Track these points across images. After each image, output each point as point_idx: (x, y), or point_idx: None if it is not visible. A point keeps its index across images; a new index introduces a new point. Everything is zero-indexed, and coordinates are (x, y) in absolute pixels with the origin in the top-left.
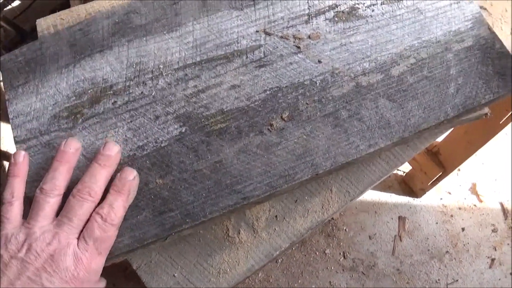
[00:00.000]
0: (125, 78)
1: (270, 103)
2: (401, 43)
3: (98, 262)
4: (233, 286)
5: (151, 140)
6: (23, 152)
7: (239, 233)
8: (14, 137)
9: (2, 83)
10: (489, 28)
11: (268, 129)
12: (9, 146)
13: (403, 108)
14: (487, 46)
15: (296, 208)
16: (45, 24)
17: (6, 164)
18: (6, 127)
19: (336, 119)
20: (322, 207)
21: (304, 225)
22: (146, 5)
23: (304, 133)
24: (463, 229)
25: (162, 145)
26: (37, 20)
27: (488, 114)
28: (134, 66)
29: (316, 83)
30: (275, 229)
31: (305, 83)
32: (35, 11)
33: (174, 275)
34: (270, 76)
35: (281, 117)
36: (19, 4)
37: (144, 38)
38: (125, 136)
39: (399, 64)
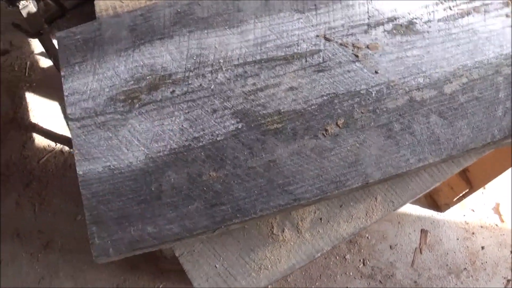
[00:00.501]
0: (185, 68)
1: (326, 108)
2: (455, 62)
3: None
4: (272, 282)
5: (207, 132)
6: None
7: (283, 231)
8: (68, 114)
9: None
10: None
11: (323, 133)
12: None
13: (453, 126)
14: None
15: (341, 213)
16: (104, 6)
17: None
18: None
19: (389, 131)
20: (366, 214)
21: (347, 230)
22: None
23: (358, 141)
24: (482, 248)
25: (218, 138)
26: (95, 1)
27: None
28: (195, 58)
29: (372, 93)
30: (319, 231)
31: (361, 92)
32: None
33: (215, 266)
34: (327, 82)
35: (336, 123)
36: None
37: (206, 31)
38: (182, 126)
39: (451, 82)
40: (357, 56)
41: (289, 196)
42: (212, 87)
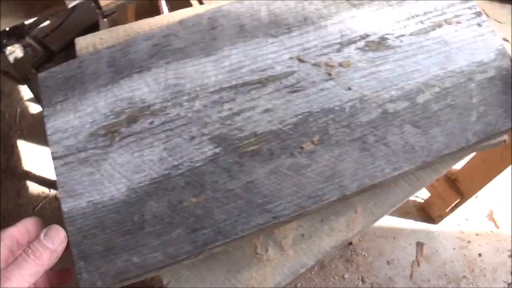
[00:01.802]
0: (163, 99)
1: (301, 127)
2: (427, 73)
3: None
4: None
5: (186, 159)
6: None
7: (267, 250)
8: (52, 153)
9: None
10: (511, 60)
11: (299, 151)
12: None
13: (427, 134)
14: (509, 76)
15: (323, 227)
16: (84, 43)
17: None
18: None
19: (364, 143)
20: (347, 226)
21: (330, 243)
22: (185, 28)
23: (333, 156)
24: (479, 255)
25: (197, 165)
26: (76, 39)
27: (507, 140)
28: (172, 88)
29: (346, 109)
30: (302, 247)
31: (335, 108)
32: (63, 32)
33: None
34: (302, 101)
35: (312, 140)
36: (48, 24)
37: (182, 61)
38: (161, 155)
39: (424, 92)
40: (330, 74)
41: (268, 214)
42: (189, 115)
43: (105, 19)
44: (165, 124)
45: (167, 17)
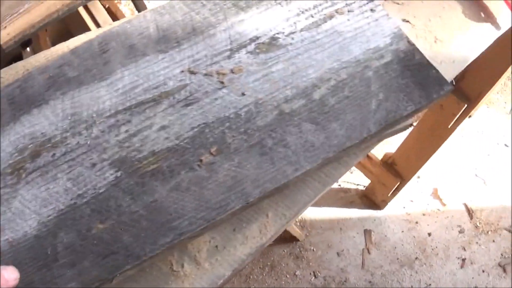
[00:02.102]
0: (62, 130)
1: (198, 140)
2: (321, 67)
3: None
4: None
5: (90, 187)
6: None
7: (183, 266)
8: None
9: None
10: (409, 41)
11: (198, 165)
12: None
13: (326, 130)
14: (407, 58)
15: (235, 236)
16: None
17: None
18: None
19: (262, 148)
20: (260, 232)
21: (245, 251)
22: (77, 56)
23: (233, 165)
24: (429, 234)
25: (100, 191)
26: None
27: (413, 123)
28: (70, 118)
29: (241, 115)
30: (217, 258)
31: (231, 116)
32: None
33: None
34: (197, 114)
35: (210, 152)
36: None
37: (77, 89)
38: (66, 186)
39: (320, 88)
40: (222, 82)
41: (174, 231)
42: (88, 143)
43: (27, 49)
44: (66, 155)
45: (62, 47)
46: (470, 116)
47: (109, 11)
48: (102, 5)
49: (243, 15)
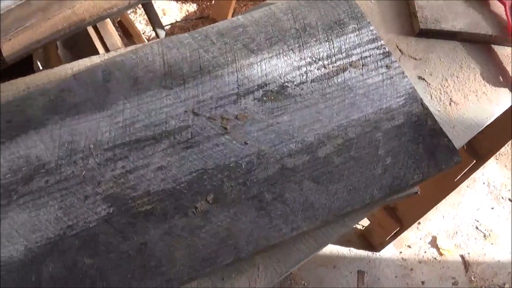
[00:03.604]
0: (57, 157)
1: (195, 185)
2: (329, 123)
3: None
4: None
5: (81, 219)
6: None
7: None
8: None
9: None
10: (422, 104)
11: (193, 211)
12: None
13: (328, 191)
14: (419, 123)
15: (223, 286)
16: None
17: None
18: None
19: (260, 202)
20: (249, 285)
21: None
22: (79, 83)
23: (228, 216)
24: (423, 283)
25: (91, 225)
26: None
27: (418, 192)
28: (66, 145)
29: (242, 165)
30: None
31: (231, 165)
32: None
33: None
34: (196, 158)
35: (206, 199)
36: None
37: (77, 117)
38: (56, 214)
39: (326, 145)
40: (225, 128)
41: (161, 277)
42: (83, 174)
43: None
44: (59, 183)
45: (65, 68)
46: None
47: (122, 25)
48: (115, 20)
49: (253, 59)
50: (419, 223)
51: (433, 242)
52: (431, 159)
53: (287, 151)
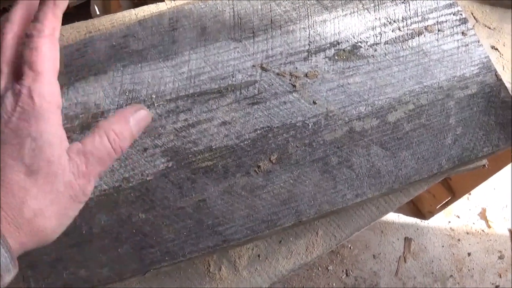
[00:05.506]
0: (117, 105)
1: (259, 144)
2: (401, 87)
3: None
4: None
5: (137, 172)
6: None
7: (220, 269)
8: None
9: None
10: (496, 75)
11: (255, 170)
12: None
13: (396, 158)
14: (492, 94)
15: (280, 249)
16: None
17: None
18: None
19: (325, 165)
20: (306, 249)
21: (286, 266)
22: (144, 29)
23: (291, 177)
24: (469, 254)
25: (148, 178)
26: None
27: (486, 165)
28: (127, 94)
29: (309, 126)
30: (257, 268)
31: (297, 124)
32: None
33: None
34: (262, 115)
35: (269, 159)
36: None
37: (140, 65)
38: (112, 166)
39: (396, 110)
40: (294, 86)
41: (218, 237)
42: None
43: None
44: None
45: (130, 14)
46: None
47: None
48: None
49: (327, 15)
50: (469, 194)
51: (482, 214)
52: (502, 132)
53: (356, 113)
